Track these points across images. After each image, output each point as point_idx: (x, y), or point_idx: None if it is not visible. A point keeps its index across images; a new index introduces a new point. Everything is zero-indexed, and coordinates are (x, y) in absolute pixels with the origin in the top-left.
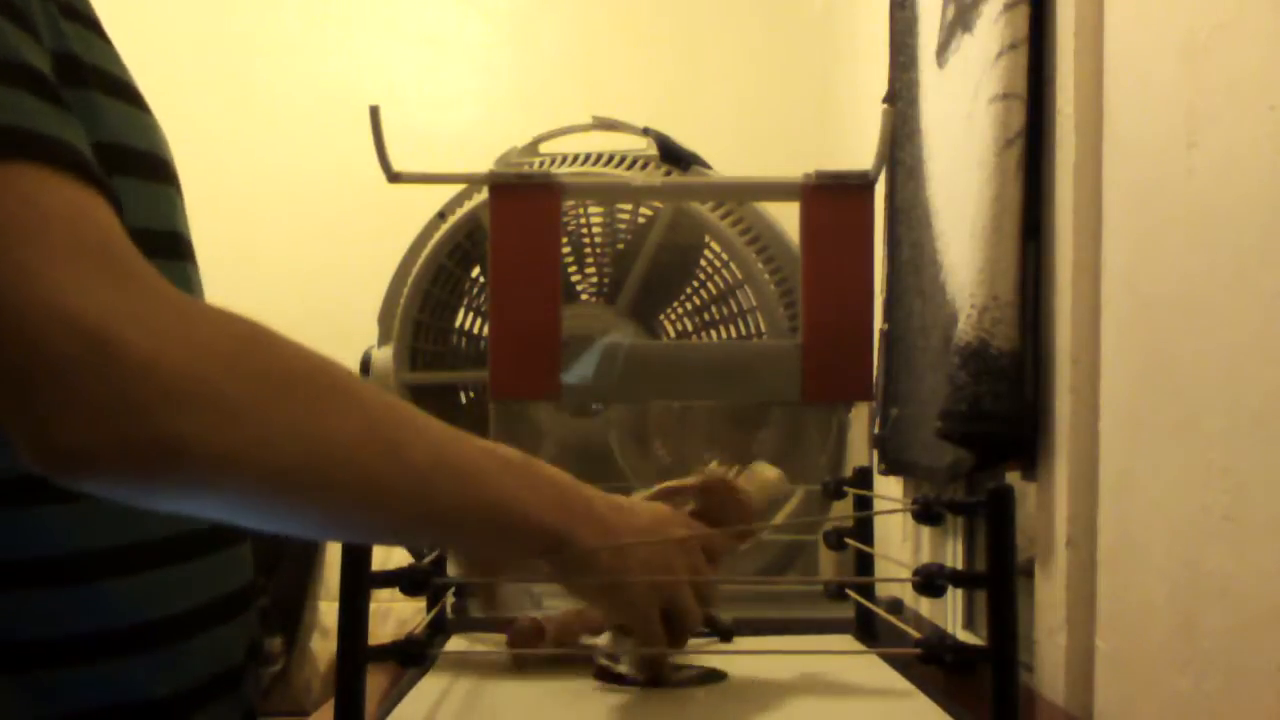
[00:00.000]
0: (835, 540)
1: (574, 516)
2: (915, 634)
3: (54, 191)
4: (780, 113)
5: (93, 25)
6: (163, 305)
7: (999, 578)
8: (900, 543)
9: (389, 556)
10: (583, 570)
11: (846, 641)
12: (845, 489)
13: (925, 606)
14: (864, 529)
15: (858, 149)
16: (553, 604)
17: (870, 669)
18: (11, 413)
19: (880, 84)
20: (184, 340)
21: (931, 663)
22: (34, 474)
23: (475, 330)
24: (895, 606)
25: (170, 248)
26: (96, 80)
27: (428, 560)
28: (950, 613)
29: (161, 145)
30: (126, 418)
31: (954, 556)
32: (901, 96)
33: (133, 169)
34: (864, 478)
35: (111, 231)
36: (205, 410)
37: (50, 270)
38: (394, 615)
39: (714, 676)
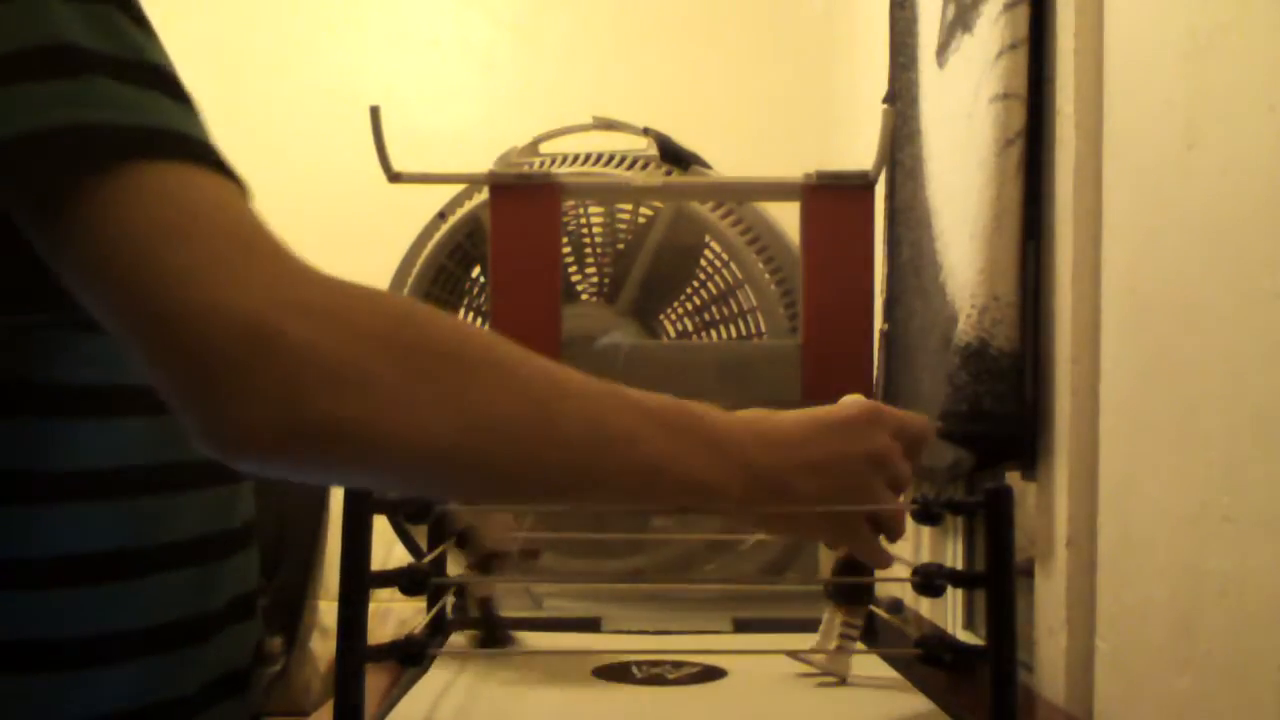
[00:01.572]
0: None
1: (731, 475)
2: (915, 634)
3: (197, 188)
4: (780, 113)
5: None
6: (315, 290)
7: (998, 578)
8: (900, 543)
9: (389, 557)
10: (753, 517)
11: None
12: None
13: (925, 606)
14: None
15: (858, 149)
16: (553, 604)
17: (870, 669)
18: (182, 407)
19: (880, 84)
20: (339, 324)
21: (931, 663)
22: (54, 473)
23: None
24: (895, 606)
25: None
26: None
27: (427, 560)
28: (950, 613)
29: None
30: (289, 405)
31: (954, 556)
32: (901, 96)
33: None
34: None
35: (254, 222)
36: (362, 392)
37: (204, 269)
38: (394, 615)
39: (714, 675)
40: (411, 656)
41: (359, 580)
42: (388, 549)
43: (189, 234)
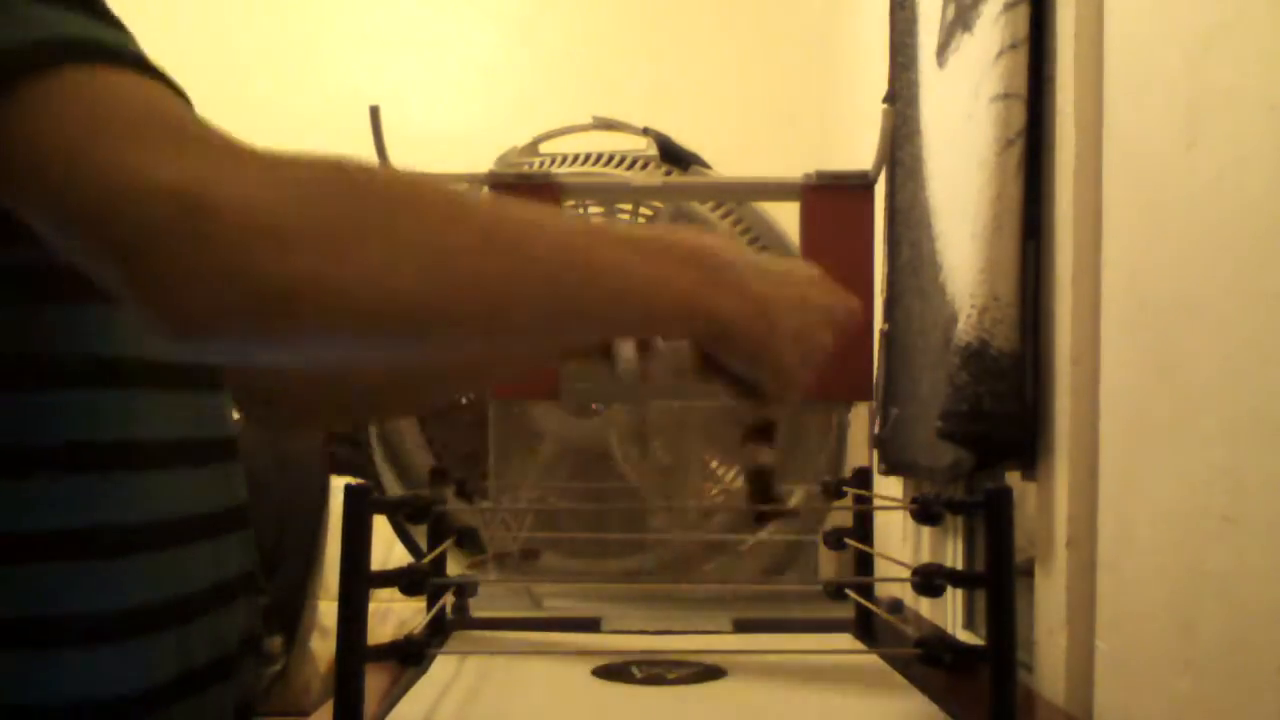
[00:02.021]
0: (835, 540)
1: (719, 289)
2: (915, 634)
3: (127, 88)
4: (780, 113)
5: (117, 24)
6: (246, 159)
7: (998, 578)
8: (900, 543)
9: (389, 557)
10: (733, 339)
11: (846, 641)
12: (845, 489)
13: (925, 606)
14: (864, 529)
15: (858, 149)
16: (553, 604)
17: (870, 669)
18: (128, 293)
19: (880, 84)
20: (274, 184)
21: (931, 663)
22: (22, 447)
23: None
24: (895, 606)
25: None
26: None
27: (427, 560)
28: (950, 613)
29: None
30: (239, 272)
31: (954, 556)
32: (901, 96)
33: None
34: (864, 478)
35: (182, 111)
36: (313, 247)
37: (131, 153)
38: (394, 615)
39: (714, 675)
40: (411, 656)
41: (359, 580)
42: (388, 549)
43: (113, 124)
